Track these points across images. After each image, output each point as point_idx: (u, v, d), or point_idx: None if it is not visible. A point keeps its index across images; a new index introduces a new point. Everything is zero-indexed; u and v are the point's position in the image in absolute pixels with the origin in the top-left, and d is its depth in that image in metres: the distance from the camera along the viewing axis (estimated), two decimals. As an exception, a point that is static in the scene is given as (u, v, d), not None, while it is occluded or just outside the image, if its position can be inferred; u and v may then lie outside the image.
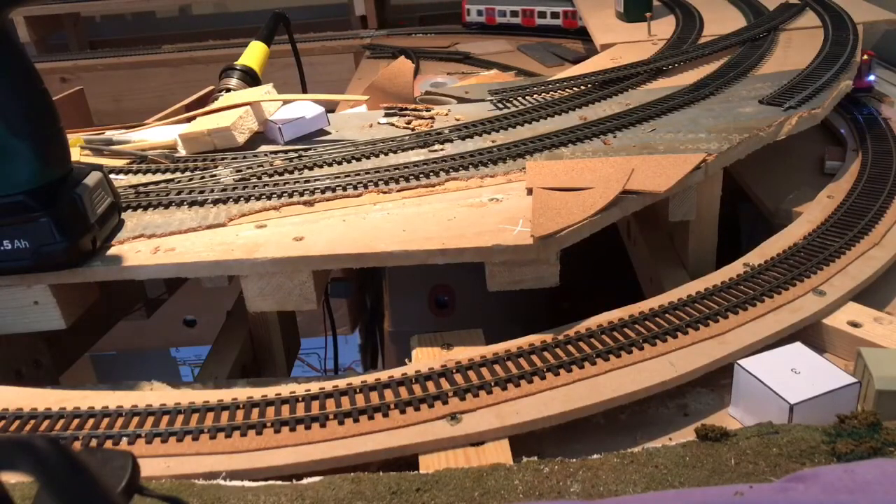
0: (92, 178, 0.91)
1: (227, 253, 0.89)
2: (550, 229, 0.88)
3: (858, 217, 1.03)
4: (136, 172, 1.14)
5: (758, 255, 0.96)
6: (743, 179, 1.28)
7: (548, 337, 0.84)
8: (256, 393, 0.79)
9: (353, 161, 1.12)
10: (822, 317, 0.88)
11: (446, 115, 1.30)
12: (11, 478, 0.44)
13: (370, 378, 0.79)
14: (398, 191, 1.02)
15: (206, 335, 1.81)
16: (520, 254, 0.88)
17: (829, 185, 1.14)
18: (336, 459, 0.70)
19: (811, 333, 0.87)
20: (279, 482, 0.67)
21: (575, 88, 1.35)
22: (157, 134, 1.29)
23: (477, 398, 0.76)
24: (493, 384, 0.77)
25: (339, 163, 1.12)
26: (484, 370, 0.79)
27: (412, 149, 1.15)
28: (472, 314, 1.46)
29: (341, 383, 0.79)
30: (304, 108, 1.27)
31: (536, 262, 0.90)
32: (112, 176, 1.03)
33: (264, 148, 1.20)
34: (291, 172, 1.09)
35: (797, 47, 1.46)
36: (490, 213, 0.94)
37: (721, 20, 1.67)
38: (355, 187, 1.03)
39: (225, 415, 0.75)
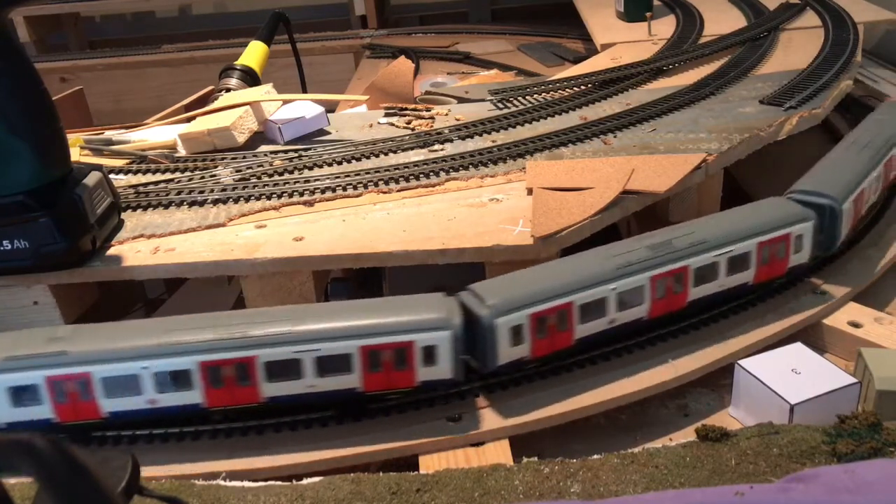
0: (92, 178, 0.91)
1: (227, 253, 0.89)
2: (551, 229, 0.88)
3: (859, 217, 1.03)
4: (136, 172, 1.14)
5: (758, 255, 0.96)
6: (743, 179, 1.28)
7: (548, 337, 0.84)
8: (256, 393, 0.78)
9: (353, 161, 1.12)
10: (822, 317, 0.88)
11: (446, 115, 1.30)
12: (11, 478, 0.44)
13: (370, 378, 0.79)
14: (398, 191, 1.02)
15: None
16: (520, 254, 0.88)
17: (830, 185, 1.14)
18: (336, 459, 0.70)
19: (811, 333, 0.87)
20: (279, 482, 0.67)
21: (575, 88, 1.35)
22: (157, 134, 1.29)
23: (477, 398, 0.76)
24: (493, 385, 0.77)
25: (339, 163, 1.12)
26: (484, 370, 0.79)
27: (412, 149, 1.15)
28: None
29: (341, 383, 0.79)
30: (304, 108, 1.27)
31: (537, 263, 0.90)
32: (112, 176, 1.03)
33: (264, 148, 1.20)
34: (291, 172, 1.09)
35: (797, 47, 1.46)
36: (490, 213, 0.94)
37: (721, 20, 1.67)
38: (355, 187, 1.03)
39: (225, 415, 0.75)
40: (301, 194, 1.02)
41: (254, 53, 1.64)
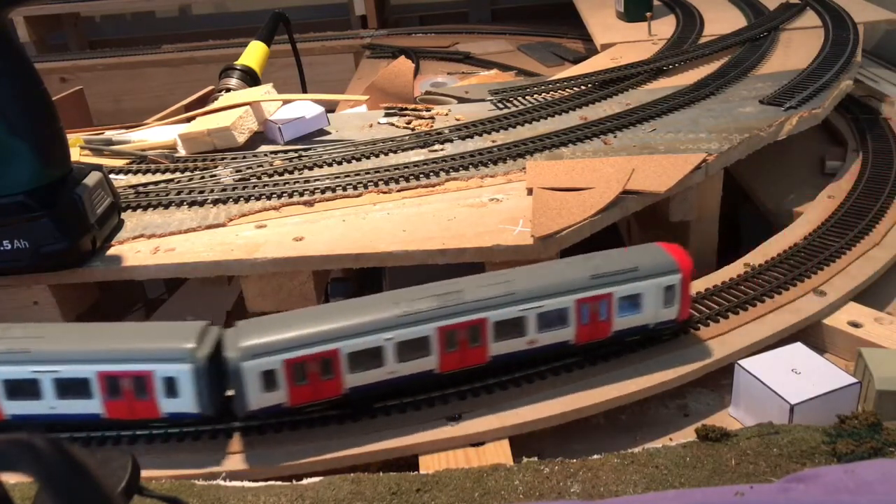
0: (92, 178, 0.91)
1: (227, 253, 0.89)
2: (551, 229, 0.88)
3: (859, 217, 1.03)
4: (136, 172, 1.14)
5: (758, 255, 0.96)
6: (743, 179, 1.28)
7: (548, 337, 0.84)
8: (256, 393, 0.78)
9: (353, 161, 1.12)
10: (823, 317, 0.87)
11: (446, 115, 1.30)
12: (11, 478, 0.44)
13: (370, 378, 0.79)
14: (398, 191, 1.02)
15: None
16: (520, 254, 0.88)
17: (830, 185, 1.14)
18: (336, 459, 0.70)
19: (811, 333, 0.87)
20: (279, 482, 0.67)
21: (575, 88, 1.35)
22: (157, 134, 1.29)
23: (477, 399, 0.76)
24: (493, 385, 0.77)
25: (339, 163, 1.12)
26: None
27: (412, 149, 1.15)
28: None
29: (341, 383, 0.79)
30: (304, 108, 1.27)
31: (537, 262, 0.90)
32: (112, 176, 1.03)
33: (264, 148, 1.20)
34: (291, 172, 1.09)
35: (797, 47, 1.46)
36: (490, 213, 0.94)
37: (721, 20, 1.67)
38: (355, 187, 1.03)
39: (225, 415, 0.75)
40: (301, 194, 1.02)
41: (254, 53, 1.64)
